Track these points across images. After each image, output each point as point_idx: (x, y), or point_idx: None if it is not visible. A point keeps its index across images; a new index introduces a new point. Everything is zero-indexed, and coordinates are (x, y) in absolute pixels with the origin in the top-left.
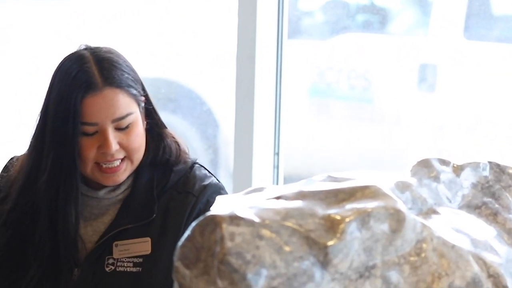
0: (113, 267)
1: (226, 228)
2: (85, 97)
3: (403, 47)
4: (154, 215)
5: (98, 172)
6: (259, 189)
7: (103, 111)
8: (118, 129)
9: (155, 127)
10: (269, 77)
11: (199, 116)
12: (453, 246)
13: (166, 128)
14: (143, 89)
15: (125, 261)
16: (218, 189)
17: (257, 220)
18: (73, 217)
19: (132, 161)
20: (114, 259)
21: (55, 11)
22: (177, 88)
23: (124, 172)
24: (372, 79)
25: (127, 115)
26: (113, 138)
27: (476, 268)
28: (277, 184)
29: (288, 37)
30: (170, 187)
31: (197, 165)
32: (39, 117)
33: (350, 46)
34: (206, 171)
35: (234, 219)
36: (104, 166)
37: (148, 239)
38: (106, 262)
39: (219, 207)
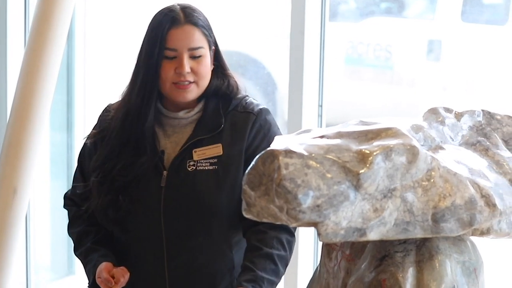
0: (194, 167)
1: (282, 160)
2: (170, 28)
3: (416, 27)
4: (222, 125)
5: (174, 89)
6: (307, 131)
7: (182, 40)
8: (192, 57)
9: (220, 68)
10: (315, 49)
11: (261, 78)
12: (455, 174)
13: (229, 70)
14: (215, 41)
15: (203, 162)
16: (269, 111)
17: (305, 153)
18: (149, 123)
19: (198, 86)
20: (194, 161)
21: None
22: (245, 57)
23: (192, 92)
24: (392, 51)
25: (200, 47)
26: (187, 63)
27: (472, 190)
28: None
29: (329, 19)
30: (233, 109)
31: (248, 96)
32: (137, 54)
33: (376, 27)
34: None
35: (288, 153)
36: (178, 84)
37: (220, 144)
38: (187, 164)
39: (277, 144)
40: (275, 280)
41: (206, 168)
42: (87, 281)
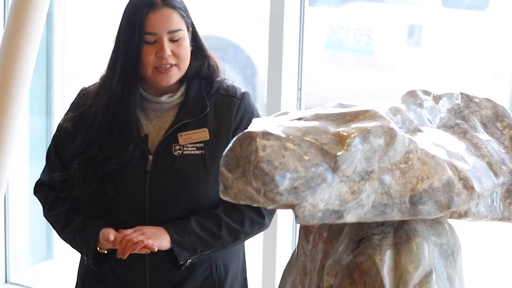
0: (180, 151)
1: (260, 142)
2: (148, 13)
3: (396, 12)
4: (208, 109)
5: (156, 74)
6: (285, 113)
7: (161, 24)
8: (171, 40)
9: (199, 50)
10: (294, 33)
11: (240, 61)
12: (433, 156)
13: (208, 51)
14: (192, 23)
15: (189, 146)
16: (250, 95)
17: (283, 135)
18: (133, 111)
19: (179, 68)
20: (180, 145)
21: None
22: (223, 41)
23: (173, 75)
24: (373, 36)
25: (178, 30)
26: (168, 46)
27: (450, 173)
28: None
29: (309, 4)
30: (215, 92)
31: (227, 79)
32: (114, 39)
33: (356, 11)
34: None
35: (266, 135)
36: (160, 68)
37: (206, 129)
38: (173, 148)
39: (255, 126)
40: (211, 242)
41: (192, 152)
42: (86, 255)
